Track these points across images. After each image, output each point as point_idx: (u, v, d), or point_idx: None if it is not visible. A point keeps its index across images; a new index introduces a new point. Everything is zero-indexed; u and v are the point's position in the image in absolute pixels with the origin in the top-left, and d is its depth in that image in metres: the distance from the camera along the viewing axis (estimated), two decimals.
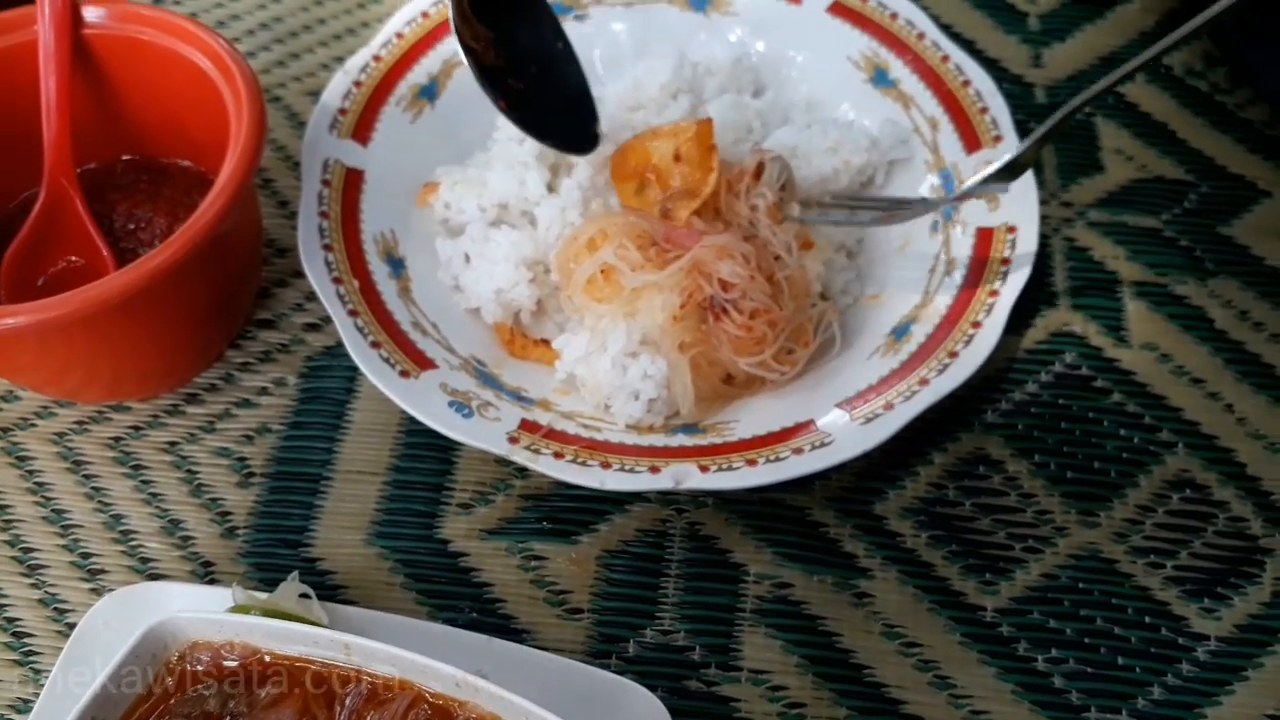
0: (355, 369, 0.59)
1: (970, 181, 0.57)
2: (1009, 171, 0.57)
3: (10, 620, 0.54)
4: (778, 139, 0.63)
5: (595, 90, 0.67)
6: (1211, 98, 0.72)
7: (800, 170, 0.61)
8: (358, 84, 0.65)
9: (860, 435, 0.52)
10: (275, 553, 0.55)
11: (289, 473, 0.58)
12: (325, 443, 0.59)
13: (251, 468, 0.58)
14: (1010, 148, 0.62)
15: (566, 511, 0.56)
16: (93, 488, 0.57)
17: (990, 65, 0.71)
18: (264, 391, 0.60)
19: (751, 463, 0.52)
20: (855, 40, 0.68)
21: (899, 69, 0.67)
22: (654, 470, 0.52)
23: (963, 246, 0.60)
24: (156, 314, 0.54)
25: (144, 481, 0.57)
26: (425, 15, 0.68)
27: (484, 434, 0.53)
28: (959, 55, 0.66)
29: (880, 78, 0.67)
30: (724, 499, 0.56)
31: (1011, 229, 0.59)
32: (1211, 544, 0.55)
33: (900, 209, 0.60)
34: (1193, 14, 0.75)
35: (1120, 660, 0.52)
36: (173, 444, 0.59)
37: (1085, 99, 0.51)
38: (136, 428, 0.59)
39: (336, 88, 0.64)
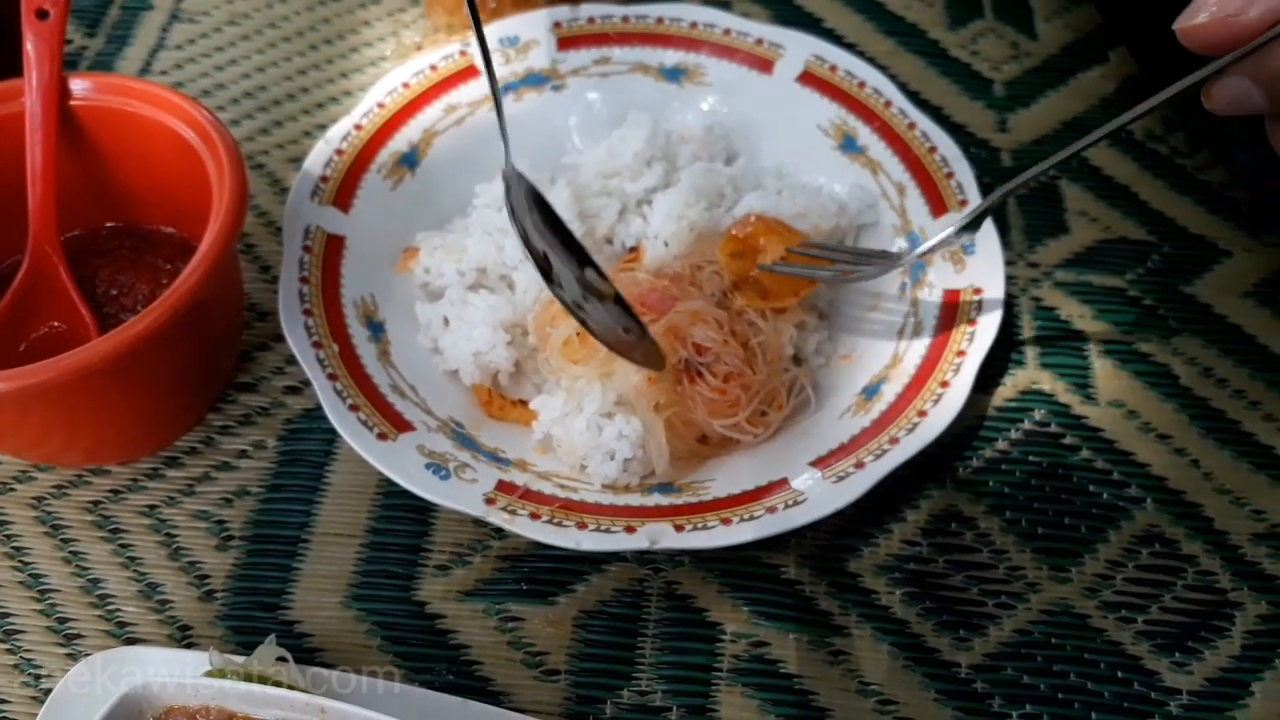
0: (334, 432, 0.59)
1: (934, 239, 0.59)
2: (970, 225, 0.58)
3: None
4: (748, 204, 0.65)
5: (572, 158, 0.69)
6: (1172, 161, 0.74)
7: None
8: (339, 152, 0.66)
9: (833, 493, 0.53)
10: (253, 615, 0.55)
11: (267, 535, 0.58)
12: (304, 505, 0.59)
13: (230, 530, 0.58)
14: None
15: (543, 572, 0.57)
16: (70, 552, 0.57)
17: (957, 130, 0.73)
18: (243, 454, 0.61)
19: (726, 521, 0.52)
20: (824, 109, 0.70)
21: (867, 136, 0.69)
22: (630, 530, 0.52)
23: (930, 308, 0.61)
24: (138, 379, 0.55)
25: (122, 545, 0.58)
26: (406, 86, 0.70)
27: (461, 495, 0.53)
28: (925, 123, 0.68)
29: (849, 144, 0.69)
30: (700, 558, 0.57)
31: (978, 290, 0.61)
32: (1181, 598, 0.56)
33: (866, 263, 0.62)
34: (1153, 82, 0.78)
35: (1094, 716, 0.52)
36: (152, 507, 0.59)
37: (1051, 163, 0.53)
38: (116, 491, 0.59)
39: (318, 156, 0.66)
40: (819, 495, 0.53)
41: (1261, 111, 0.45)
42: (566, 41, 0.73)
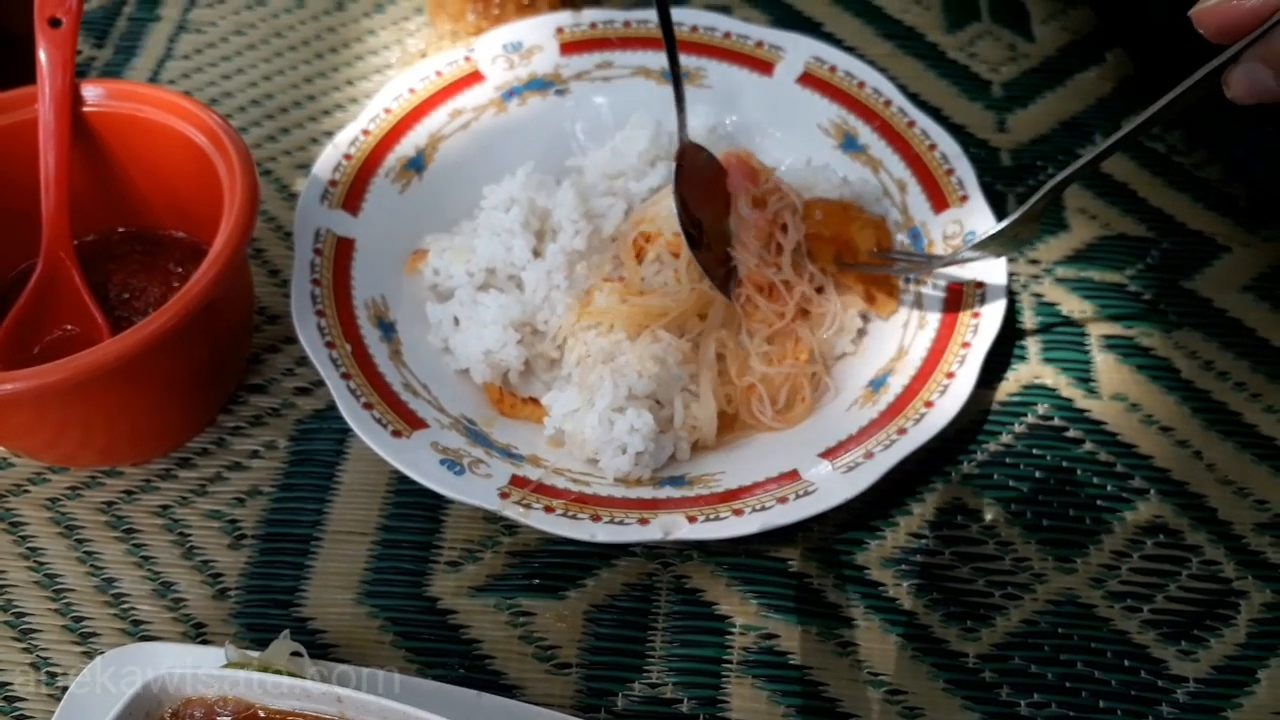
0: (345, 431, 0.60)
1: (965, 250, 0.61)
2: (1007, 243, 0.60)
3: (2, 685, 0.54)
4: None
5: (576, 160, 0.70)
6: (1169, 158, 0.75)
7: None
8: (347, 157, 0.67)
9: (843, 484, 0.54)
10: (266, 613, 0.56)
11: (280, 534, 0.58)
12: (315, 504, 0.59)
13: (243, 530, 0.59)
14: (977, 207, 0.65)
15: (554, 567, 0.57)
16: (85, 552, 0.58)
17: (956, 131, 0.74)
18: (255, 455, 0.61)
19: (738, 513, 0.53)
20: (825, 109, 0.71)
21: (867, 134, 0.70)
22: (643, 522, 0.53)
23: (934, 301, 0.62)
24: (150, 380, 0.56)
25: (136, 545, 0.58)
26: (411, 91, 0.70)
27: (476, 490, 0.54)
28: (925, 121, 0.69)
29: (850, 143, 0.70)
30: (709, 552, 0.57)
31: (980, 284, 0.62)
32: (1186, 587, 0.56)
33: (913, 263, 0.65)
34: (1148, 83, 0.79)
35: (1101, 704, 0.53)
36: (165, 507, 0.59)
37: (1076, 168, 0.55)
38: (129, 492, 0.60)
39: (327, 160, 0.66)
40: (829, 486, 0.53)
41: (1275, 96, 0.45)
42: (570, 46, 0.74)
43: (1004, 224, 0.58)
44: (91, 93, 0.61)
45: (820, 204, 0.65)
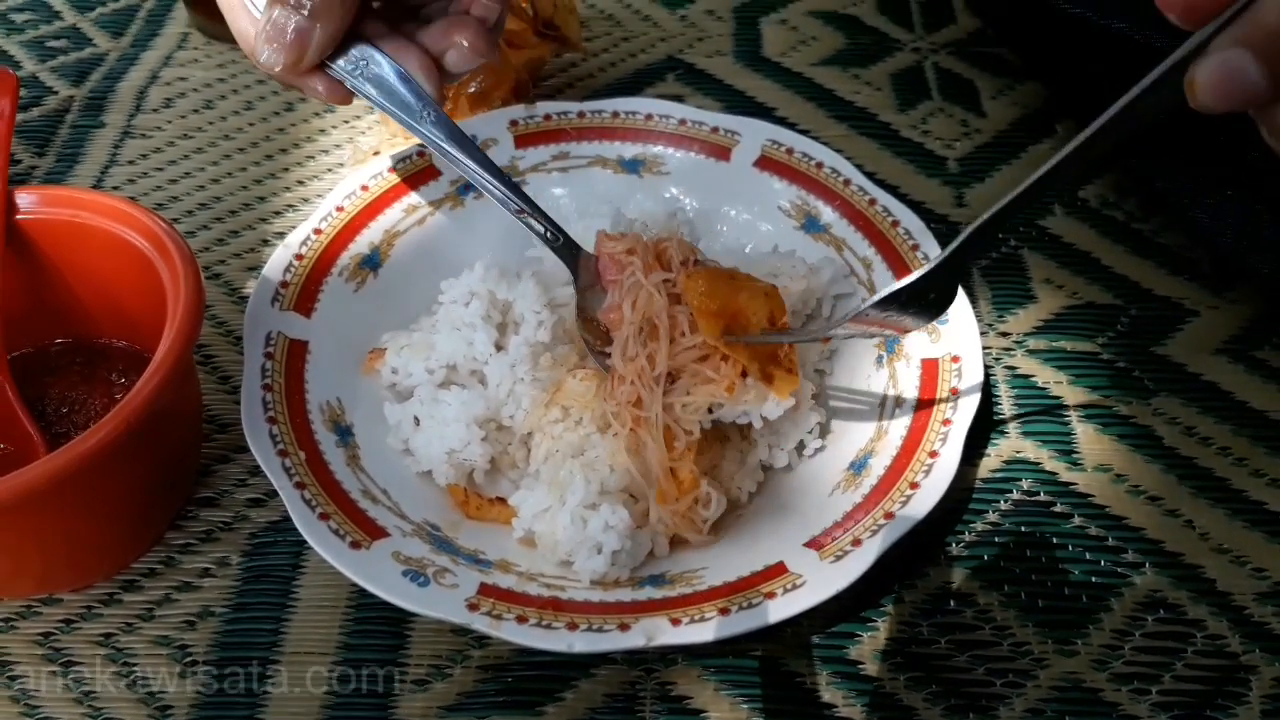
0: (301, 543, 0.57)
1: (866, 309, 0.52)
2: (933, 305, 0.52)
3: None
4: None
5: (536, 252, 0.68)
6: (1129, 226, 0.75)
7: None
8: (299, 257, 0.65)
9: (832, 574, 0.51)
10: None
11: (234, 658, 0.54)
12: (271, 624, 0.56)
13: (193, 655, 0.54)
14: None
15: (529, 681, 0.53)
16: (19, 689, 0.53)
17: (915, 207, 0.73)
18: (206, 573, 0.58)
19: (724, 611, 0.50)
20: (784, 191, 0.71)
21: (829, 214, 0.69)
22: (623, 627, 0.49)
23: (910, 379, 0.61)
24: (90, 500, 0.52)
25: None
26: (364, 189, 0.69)
27: (442, 602, 0.50)
28: (885, 198, 0.69)
29: (811, 224, 0.70)
30: (695, 654, 0.54)
31: (956, 358, 0.60)
32: (1193, 665, 0.54)
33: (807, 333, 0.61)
34: (1106, 155, 0.80)
35: None
36: (108, 636, 0.55)
37: (986, 218, 0.48)
38: (68, 621, 0.56)
39: (278, 261, 0.64)
40: (818, 577, 0.51)
41: (1258, 94, 0.34)
42: (524, 139, 0.73)
43: (905, 282, 0.49)
44: (25, 200, 0.59)
45: (704, 274, 0.58)
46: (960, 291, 0.63)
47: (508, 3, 0.61)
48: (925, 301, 0.51)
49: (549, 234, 0.62)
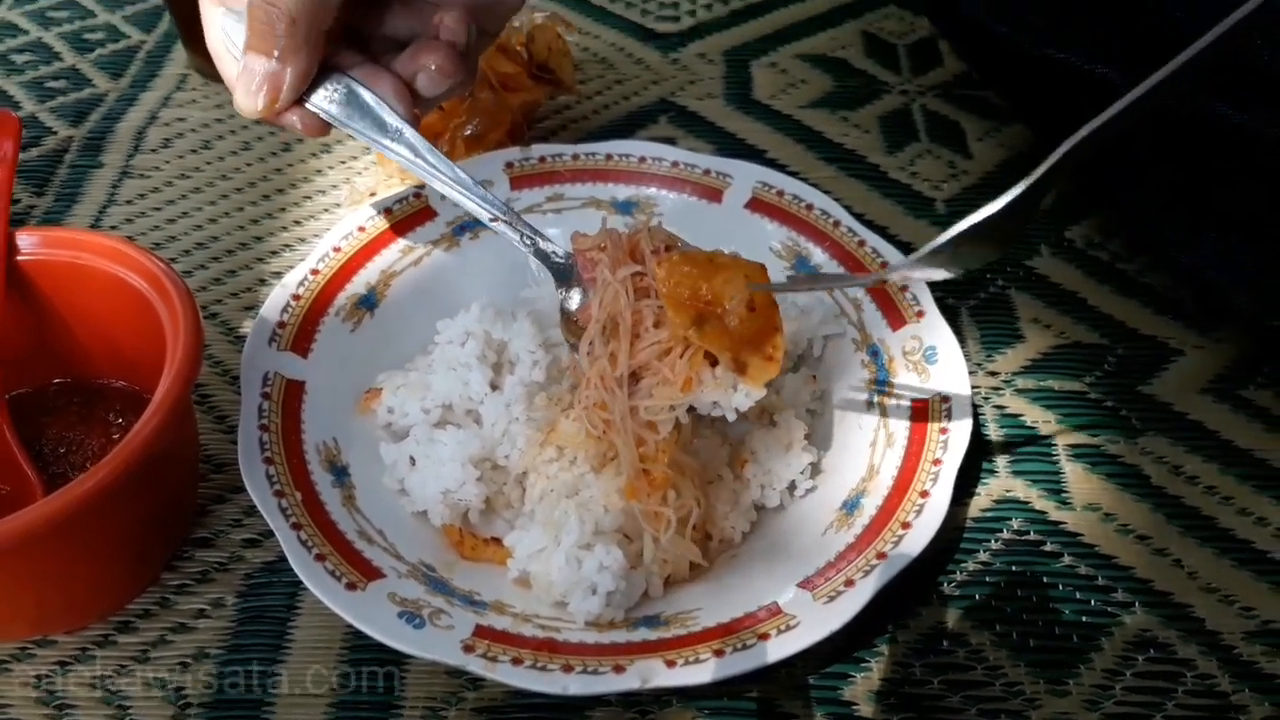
0: (296, 584, 0.57)
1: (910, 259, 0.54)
2: (952, 260, 0.53)
3: None
4: None
5: (531, 292, 0.69)
6: (1113, 266, 0.76)
7: None
8: (296, 297, 0.65)
9: (825, 614, 0.51)
10: None
11: (228, 700, 0.54)
12: (266, 665, 0.55)
13: (188, 698, 0.54)
14: (934, 322, 0.65)
15: None
16: None
17: (904, 248, 0.75)
18: (201, 614, 0.58)
19: (719, 653, 0.50)
20: (775, 232, 0.72)
21: (819, 256, 0.70)
22: (618, 670, 0.50)
23: (900, 419, 0.61)
24: (87, 541, 0.52)
25: None
26: (361, 229, 0.70)
27: (437, 644, 0.51)
28: (874, 239, 0.70)
29: (802, 265, 0.70)
30: (690, 695, 0.54)
31: (945, 399, 0.61)
32: (1184, 704, 0.54)
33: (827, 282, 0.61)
34: (1086, 196, 0.81)
35: None
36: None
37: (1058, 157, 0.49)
38: (63, 663, 0.55)
39: (275, 301, 0.65)
40: (812, 618, 0.51)
41: None
42: (519, 180, 0.74)
43: (989, 210, 0.51)
44: (26, 240, 0.59)
45: (677, 259, 0.54)
46: (948, 331, 0.64)
47: (473, 26, 0.60)
48: (992, 239, 0.51)
49: (525, 239, 0.62)
